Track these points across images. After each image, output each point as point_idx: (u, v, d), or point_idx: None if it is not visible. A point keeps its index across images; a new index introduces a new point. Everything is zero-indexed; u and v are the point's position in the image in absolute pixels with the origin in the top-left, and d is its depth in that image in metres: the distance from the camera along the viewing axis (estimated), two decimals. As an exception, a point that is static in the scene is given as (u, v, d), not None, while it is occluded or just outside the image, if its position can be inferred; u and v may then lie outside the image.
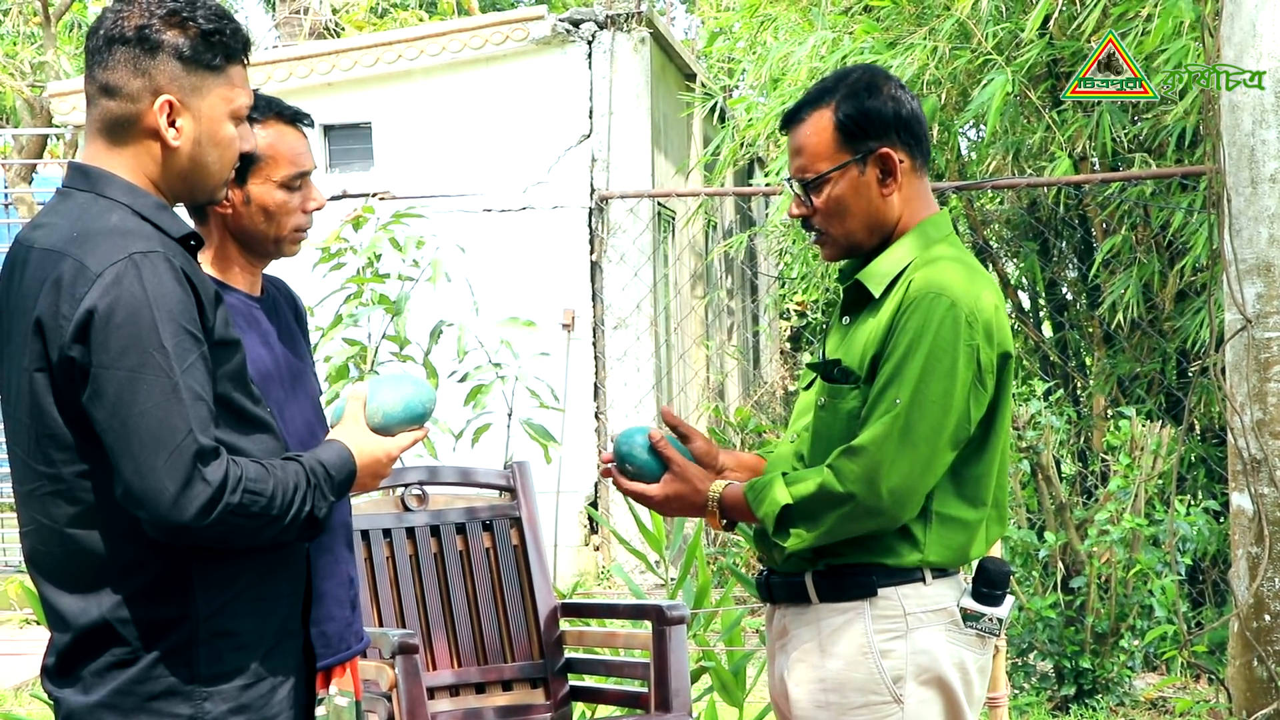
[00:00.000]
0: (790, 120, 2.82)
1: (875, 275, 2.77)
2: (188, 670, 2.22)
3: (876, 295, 2.75)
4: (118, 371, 2.13)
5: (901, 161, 2.76)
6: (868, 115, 2.75)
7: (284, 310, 3.16)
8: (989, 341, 2.69)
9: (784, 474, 2.75)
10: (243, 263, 3.03)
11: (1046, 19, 7.77)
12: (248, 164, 2.99)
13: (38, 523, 2.25)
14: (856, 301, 2.81)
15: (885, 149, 2.75)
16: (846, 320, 2.82)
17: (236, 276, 3.02)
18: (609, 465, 2.91)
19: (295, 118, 3.05)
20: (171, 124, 2.27)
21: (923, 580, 2.71)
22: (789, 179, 2.84)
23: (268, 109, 3.03)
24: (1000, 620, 2.76)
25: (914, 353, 2.65)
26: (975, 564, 2.77)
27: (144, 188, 2.28)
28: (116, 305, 2.13)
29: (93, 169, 2.28)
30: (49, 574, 2.26)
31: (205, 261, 2.97)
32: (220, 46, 2.29)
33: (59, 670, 2.27)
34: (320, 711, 3.09)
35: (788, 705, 2.82)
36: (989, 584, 2.74)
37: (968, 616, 2.73)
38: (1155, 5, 6.93)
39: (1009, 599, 2.78)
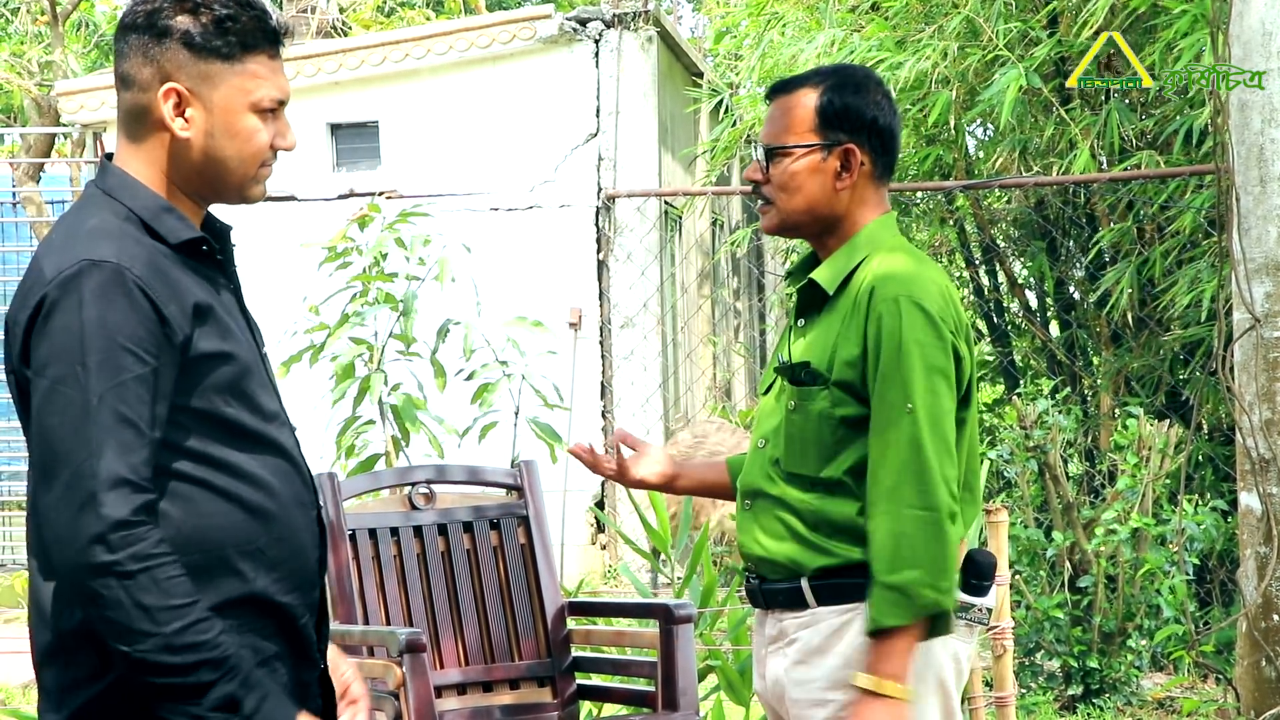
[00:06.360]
0: (777, 90, 2.91)
1: (827, 274, 2.83)
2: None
3: (830, 293, 2.81)
4: (41, 380, 2.05)
5: (863, 164, 2.83)
6: (848, 109, 2.82)
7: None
8: (957, 335, 2.76)
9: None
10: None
11: (1055, 17, 7.75)
12: None
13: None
14: (811, 303, 2.87)
15: (853, 146, 2.82)
16: (802, 323, 2.88)
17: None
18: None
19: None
20: (181, 114, 2.18)
21: None
22: (756, 143, 2.92)
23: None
24: (989, 610, 2.81)
25: (907, 357, 2.69)
26: (963, 556, 2.80)
27: (158, 185, 2.21)
28: (53, 312, 2.06)
29: (111, 166, 2.24)
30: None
31: None
32: (236, 34, 2.18)
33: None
34: None
35: (783, 706, 2.84)
36: (977, 575, 2.80)
37: (958, 608, 2.76)
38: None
39: (995, 589, 2.83)
